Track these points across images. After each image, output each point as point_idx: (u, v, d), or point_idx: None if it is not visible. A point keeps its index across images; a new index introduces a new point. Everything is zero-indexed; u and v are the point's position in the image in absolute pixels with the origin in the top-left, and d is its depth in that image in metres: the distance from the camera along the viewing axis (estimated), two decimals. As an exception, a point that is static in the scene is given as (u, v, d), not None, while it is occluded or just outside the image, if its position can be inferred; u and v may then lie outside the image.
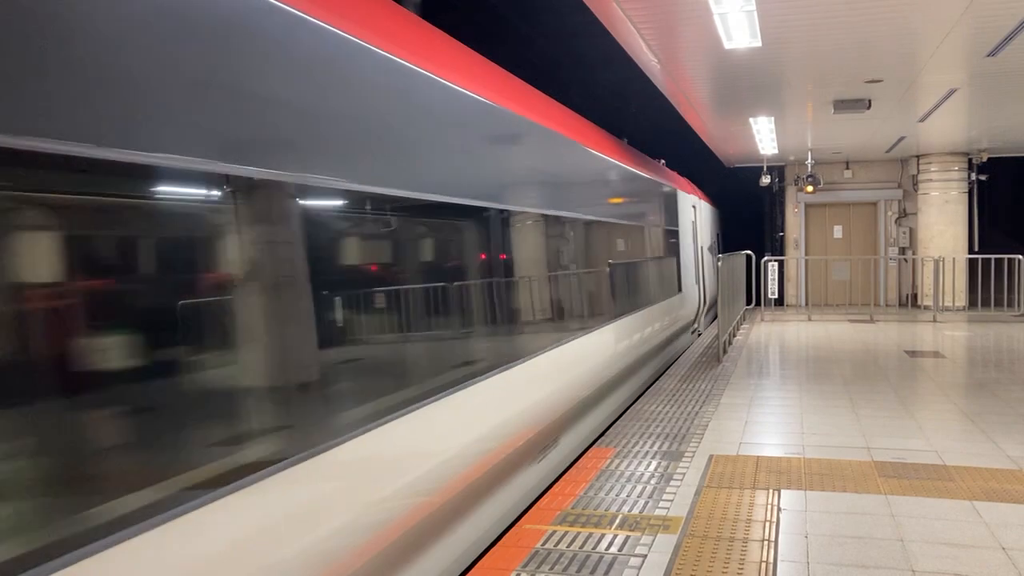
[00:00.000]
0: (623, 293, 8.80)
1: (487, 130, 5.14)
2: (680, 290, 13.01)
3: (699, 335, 14.98)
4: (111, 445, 2.23)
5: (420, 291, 4.09)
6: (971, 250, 18.38)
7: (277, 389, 2.87)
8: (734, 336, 13.44)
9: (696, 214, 15.89)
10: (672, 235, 12.69)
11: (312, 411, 3.03)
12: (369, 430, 3.36)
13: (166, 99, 2.39)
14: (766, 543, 4.30)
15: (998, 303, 16.83)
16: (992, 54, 8.59)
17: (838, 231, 20.44)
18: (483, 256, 4.99)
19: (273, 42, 2.92)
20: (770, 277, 17.65)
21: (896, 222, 19.77)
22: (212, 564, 2.47)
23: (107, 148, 2.18)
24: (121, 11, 2.26)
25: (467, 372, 4.46)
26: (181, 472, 2.41)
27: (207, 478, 2.48)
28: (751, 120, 13.35)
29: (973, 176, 18.47)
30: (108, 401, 2.25)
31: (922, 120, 13.13)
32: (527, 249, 5.90)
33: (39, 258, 2.08)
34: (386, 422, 3.51)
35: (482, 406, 4.61)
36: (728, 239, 25.90)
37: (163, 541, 2.29)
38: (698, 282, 15.37)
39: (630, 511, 4.82)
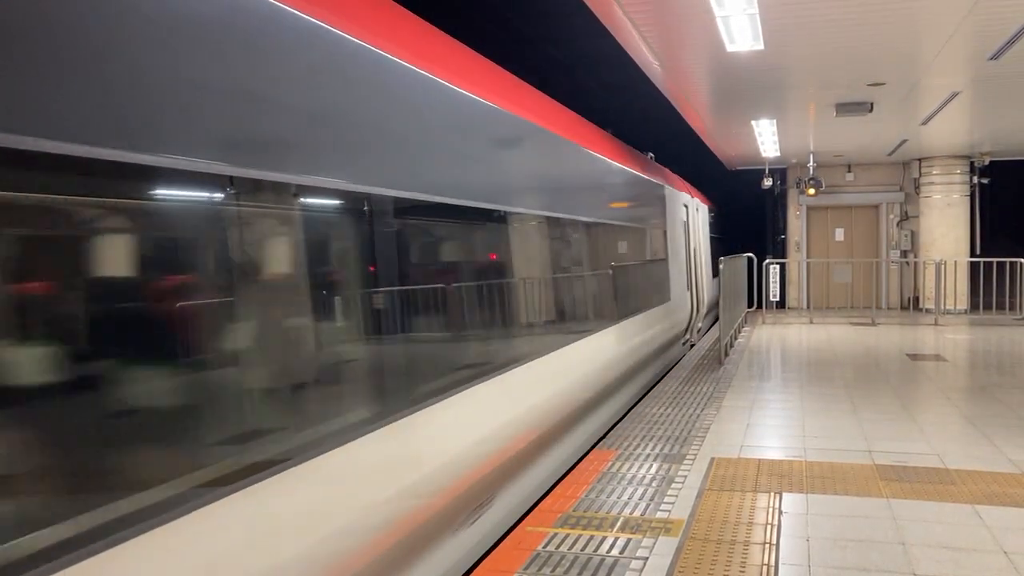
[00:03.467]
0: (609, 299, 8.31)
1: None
2: (670, 298, 11.94)
3: (691, 347, 13.63)
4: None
5: None
6: (973, 253, 18.36)
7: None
8: (735, 339, 13.43)
9: (689, 214, 14.64)
10: (660, 236, 11.54)
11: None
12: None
13: None
14: (767, 546, 4.30)
15: (999, 306, 16.82)
16: (994, 57, 8.59)
17: (840, 234, 20.43)
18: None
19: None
20: (772, 280, 17.64)
21: (898, 225, 19.76)
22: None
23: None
24: None
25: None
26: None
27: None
28: (753, 122, 13.35)
29: (975, 179, 18.45)
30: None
31: (924, 123, 13.13)
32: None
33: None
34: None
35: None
36: (730, 242, 25.87)
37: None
38: (690, 288, 14.14)
39: (631, 514, 4.83)
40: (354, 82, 3.64)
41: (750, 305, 17.40)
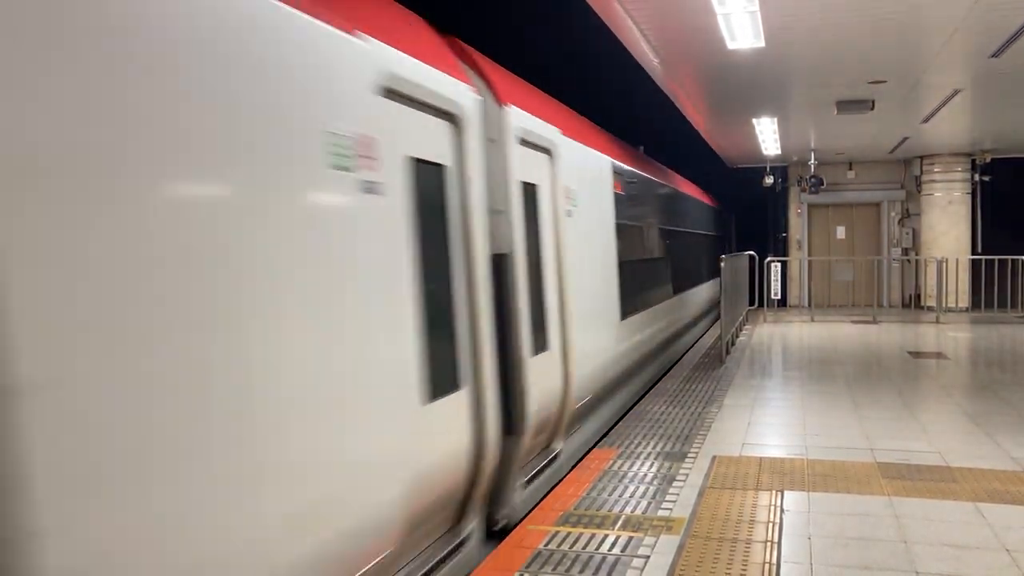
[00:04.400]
0: None
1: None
2: None
3: None
4: None
5: None
6: (974, 251, 18.34)
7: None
8: (737, 337, 13.43)
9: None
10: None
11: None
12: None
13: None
14: (769, 544, 4.30)
15: (1001, 304, 16.82)
16: (996, 55, 8.57)
17: (841, 232, 20.41)
18: None
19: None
20: (773, 278, 17.63)
21: (899, 223, 19.74)
22: None
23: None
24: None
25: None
26: None
27: None
28: (754, 121, 13.34)
29: (976, 177, 18.43)
30: None
31: (925, 121, 13.11)
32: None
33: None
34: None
35: None
36: (730, 240, 25.95)
37: None
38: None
39: (633, 512, 4.82)
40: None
41: (751, 303, 17.41)
